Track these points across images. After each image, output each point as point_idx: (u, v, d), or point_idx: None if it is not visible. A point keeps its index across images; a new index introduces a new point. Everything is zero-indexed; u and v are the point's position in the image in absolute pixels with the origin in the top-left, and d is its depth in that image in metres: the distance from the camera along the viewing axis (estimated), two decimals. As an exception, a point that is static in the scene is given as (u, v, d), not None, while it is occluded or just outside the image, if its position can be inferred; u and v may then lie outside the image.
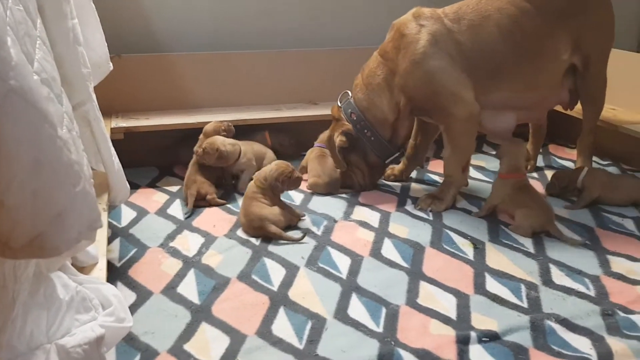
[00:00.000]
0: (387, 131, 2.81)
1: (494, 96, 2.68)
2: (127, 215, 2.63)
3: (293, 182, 2.54)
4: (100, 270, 1.69)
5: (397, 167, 3.10)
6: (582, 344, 1.78)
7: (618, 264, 2.25)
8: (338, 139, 2.78)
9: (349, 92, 2.85)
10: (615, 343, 1.77)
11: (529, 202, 2.50)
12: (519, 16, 2.65)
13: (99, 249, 1.79)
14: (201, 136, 2.91)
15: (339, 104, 2.86)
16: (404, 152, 3.02)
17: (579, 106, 3.01)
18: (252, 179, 2.58)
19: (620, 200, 2.75)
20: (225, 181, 2.95)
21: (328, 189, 2.86)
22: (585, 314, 1.92)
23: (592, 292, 2.06)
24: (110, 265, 2.14)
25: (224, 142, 2.79)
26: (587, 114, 2.98)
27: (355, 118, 2.78)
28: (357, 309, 1.96)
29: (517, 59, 2.67)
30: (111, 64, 2.53)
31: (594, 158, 3.18)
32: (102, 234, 1.94)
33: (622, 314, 1.92)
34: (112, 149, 2.16)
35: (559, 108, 3.12)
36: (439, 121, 2.72)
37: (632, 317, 1.90)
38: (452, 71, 2.60)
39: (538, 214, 2.47)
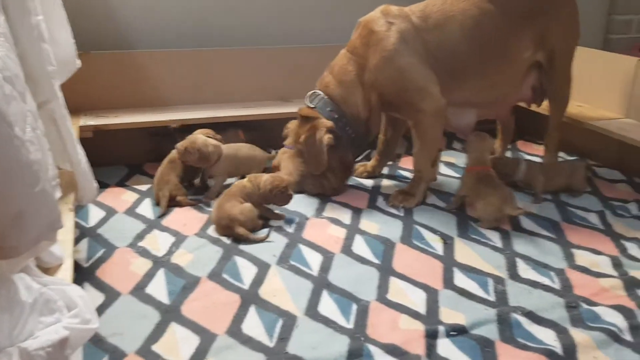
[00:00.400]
0: (362, 128, 2.80)
1: (456, 95, 2.72)
2: (95, 215, 2.60)
3: (284, 198, 2.54)
4: (66, 271, 1.67)
5: (369, 164, 3.13)
6: (547, 336, 1.82)
7: (582, 257, 2.30)
8: (326, 137, 2.67)
9: (319, 92, 2.78)
10: (578, 335, 1.81)
11: (489, 193, 2.55)
12: (481, 17, 2.68)
13: (65, 249, 1.77)
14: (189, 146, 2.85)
15: (310, 104, 2.77)
16: (372, 148, 3.04)
17: (546, 103, 3.06)
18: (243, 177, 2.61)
19: (559, 186, 2.86)
20: (200, 182, 2.93)
21: (299, 188, 2.86)
22: (550, 307, 1.96)
23: (557, 285, 2.11)
24: (77, 266, 2.11)
25: (205, 143, 2.74)
26: (553, 111, 3.04)
27: (337, 116, 2.74)
28: (327, 305, 1.97)
29: (480, 59, 2.71)
30: (79, 61, 2.49)
31: (561, 154, 3.24)
32: (69, 234, 1.92)
33: (585, 306, 1.96)
34: (79, 147, 2.13)
35: (527, 105, 3.17)
36: (408, 116, 2.75)
37: (595, 309, 1.95)
38: (421, 68, 2.64)
39: (496, 204, 2.51)
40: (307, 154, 2.75)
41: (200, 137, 2.77)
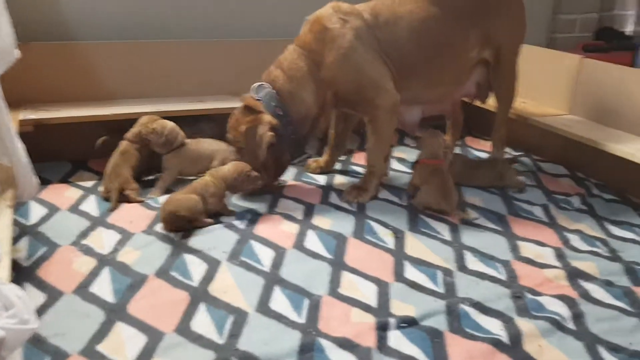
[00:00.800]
0: (306, 126, 2.76)
1: (404, 93, 2.74)
2: (36, 212, 2.51)
3: (252, 181, 2.55)
4: (3, 270, 1.60)
5: (321, 159, 3.12)
6: (494, 325, 1.86)
7: (527, 249, 2.35)
8: (268, 134, 2.60)
9: (266, 84, 2.69)
10: (524, 324, 1.85)
11: (435, 184, 2.64)
12: (428, 19, 2.72)
13: (2, 247, 1.70)
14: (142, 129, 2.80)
15: (256, 96, 2.68)
16: (313, 152, 3.01)
17: (493, 99, 3.12)
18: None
19: (489, 182, 2.94)
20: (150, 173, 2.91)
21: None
22: (496, 297, 2.01)
23: (503, 276, 2.15)
24: (17, 265, 2.03)
25: (175, 128, 2.75)
26: (500, 107, 3.11)
27: (281, 113, 2.65)
28: (279, 301, 1.96)
29: (426, 59, 2.76)
30: (18, 52, 2.39)
31: (508, 149, 3.31)
32: (6, 231, 1.84)
33: (530, 296, 2.02)
34: (19, 141, 2.05)
35: (470, 101, 3.23)
36: (364, 112, 2.76)
37: (539, 298, 2.00)
38: (377, 64, 2.66)
39: (434, 195, 2.63)
40: (246, 146, 2.67)
41: (169, 122, 2.77)
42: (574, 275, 2.15)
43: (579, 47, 4.32)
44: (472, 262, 2.24)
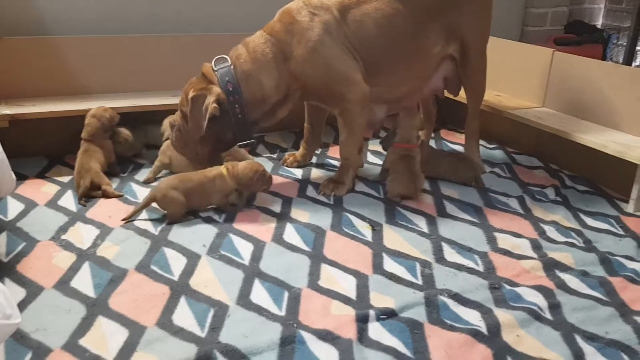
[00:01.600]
0: (258, 111, 2.72)
1: (371, 91, 2.76)
2: (13, 208, 2.48)
3: (266, 182, 2.56)
4: (-16, 266, 1.59)
5: (297, 153, 3.13)
6: (473, 316, 1.89)
7: (504, 241, 2.40)
8: (212, 105, 2.57)
9: (228, 59, 2.70)
10: (502, 314, 1.89)
11: (401, 170, 2.72)
12: (392, 16, 2.73)
13: (-18, 243, 1.68)
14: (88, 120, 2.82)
15: (214, 67, 2.67)
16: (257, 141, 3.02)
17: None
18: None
19: (442, 174, 2.99)
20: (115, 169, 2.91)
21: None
22: (474, 288, 2.04)
23: (480, 268, 2.19)
24: (-5, 261, 2.02)
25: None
26: (470, 100, 3.15)
27: (231, 89, 2.63)
28: (259, 294, 1.97)
29: (392, 56, 2.77)
30: (-9, 47, 2.36)
31: (482, 142, 3.35)
32: (-15, 227, 1.82)
33: (508, 287, 2.06)
34: (-6, 137, 2.02)
35: (440, 95, 3.26)
36: (333, 106, 2.77)
37: (517, 289, 2.04)
38: (345, 58, 2.67)
39: (402, 182, 2.70)
40: (190, 113, 2.63)
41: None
42: (551, 266, 2.20)
43: (550, 41, 4.39)
44: (450, 254, 2.28)
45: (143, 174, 2.92)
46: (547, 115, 3.23)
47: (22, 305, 1.82)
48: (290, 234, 2.37)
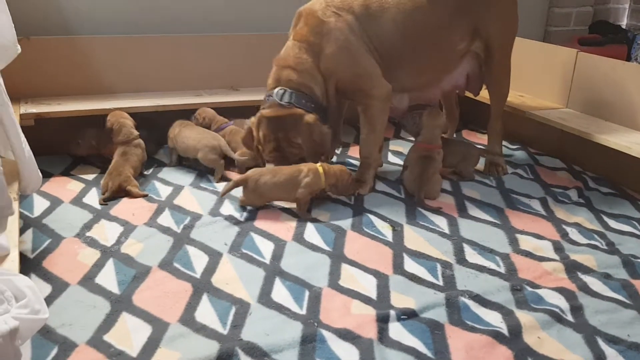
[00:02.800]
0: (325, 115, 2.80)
1: (392, 84, 2.76)
2: (39, 205, 2.52)
3: (352, 187, 2.66)
4: (12, 262, 1.62)
5: None
6: (494, 318, 1.88)
7: (526, 242, 2.38)
8: (325, 128, 2.66)
9: (283, 89, 2.66)
10: (523, 316, 1.88)
11: (415, 172, 2.75)
12: (415, 11, 2.74)
13: (10, 239, 1.71)
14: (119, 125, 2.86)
15: (283, 102, 2.63)
16: None
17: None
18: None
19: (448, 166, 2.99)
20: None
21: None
22: (496, 290, 2.03)
23: (502, 269, 2.18)
24: (22, 257, 2.05)
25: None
26: (493, 100, 3.13)
27: (313, 105, 2.67)
28: (280, 292, 1.98)
29: (413, 51, 2.78)
30: (19, 47, 2.40)
31: (505, 142, 3.33)
32: (14, 224, 1.86)
33: (529, 289, 2.04)
34: (22, 135, 2.06)
35: (461, 93, 3.26)
36: (359, 102, 2.78)
37: (539, 291, 2.03)
38: (370, 56, 2.70)
39: (411, 181, 2.75)
40: (307, 149, 2.66)
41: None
42: (573, 268, 2.18)
43: (574, 41, 4.35)
44: (471, 255, 2.27)
45: (166, 172, 2.96)
46: (571, 117, 3.20)
47: (48, 301, 1.86)
48: (311, 234, 2.38)
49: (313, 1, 2.76)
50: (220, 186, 2.72)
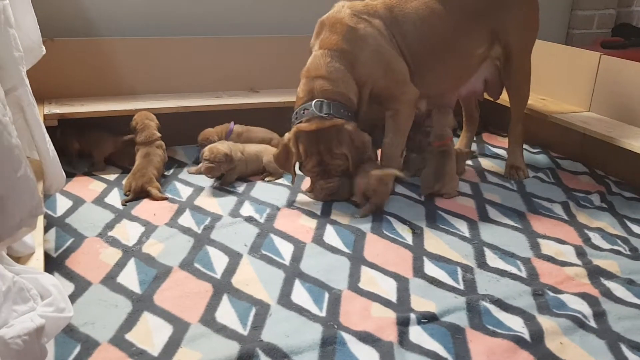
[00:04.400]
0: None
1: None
2: (62, 204, 2.55)
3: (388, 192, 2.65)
4: (37, 260, 1.65)
5: None
6: (515, 322, 1.87)
7: (548, 247, 2.36)
8: (366, 134, 2.64)
9: (320, 100, 2.59)
10: (545, 321, 1.86)
11: (433, 167, 2.78)
12: (433, 17, 2.73)
13: (35, 238, 1.74)
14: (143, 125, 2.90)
15: (322, 113, 2.56)
16: None
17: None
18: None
19: None
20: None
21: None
22: (517, 294, 2.01)
23: (523, 274, 2.16)
24: (46, 255, 2.07)
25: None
26: (514, 104, 3.11)
27: (350, 114, 2.62)
28: (300, 294, 1.98)
29: (433, 57, 2.77)
30: (44, 48, 2.44)
31: (526, 146, 3.30)
32: (38, 223, 1.88)
33: (551, 294, 2.02)
34: (47, 135, 2.09)
35: (479, 98, 3.24)
36: (388, 107, 2.74)
37: (561, 296, 2.01)
38: (400, 60, 2.70)
39: (427, 180, 2.78)
40: (353, 159, 2.62)
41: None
42: (595, 274, 2.16)
43: (597, 43, 4.29)
44: (492, 259, 2.25)
45: (187, 173, 2.98)
46: (593, 120, 3.16)
47: (71, 299, 1.85)
48: (331, 236, 2.38)
49: (334, 10, 2.72)
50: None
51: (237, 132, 3.14)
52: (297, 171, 2.75)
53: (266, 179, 2.93)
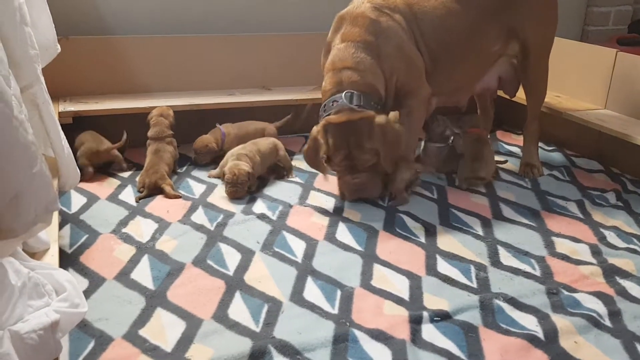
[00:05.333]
0: None
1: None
2: (77, 201, 2.57)
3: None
4: (52, 256, 1.66)
5: None
6: (529, 321, 1.85)
7: (562, 245, 2.34)
8: (397, 125, 2.57)
9: (350, 91, 2.52)
10: (559, 320, 1.85)
11: (471, 155, 2.88)
12: (449, 14, 2.70)
13: (50, 234, 1.75)
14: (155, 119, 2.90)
15: (353, 105, 2.50)
16: None
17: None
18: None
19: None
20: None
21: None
22: (531, 293, 2.00)
23: (537, 272, 2.15)
24: (60, 251, 2.09)
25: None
26: (530, 102, 3.08)
27: (379, 107, 2.56)
28: (312, 291, 1.98)
29: (449, 54, 2.74)
30: (59, 46, 2.45)
31: (540, 144, 3.28)
32: (53, 219, 1.89)
33: (566, 293, 2.01)
34: (62, 133, 2.11)
35: (492, 95, 3.24)
36: (404, 104, 2.71)
37: (575, 295, 1.99)
38: (419, 56, 2.68)
39: (468, 163, 2.85)
40: (384, 150, 2.53)
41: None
42: (611, 272, 2.14)
43: (613, 40, 4.25)
44: (506, 258, 2.24)
45: (199, 170, 2.99)
46: (609, 118, 3.13)
47: (86, 295, 1.87)
48: (343, 233, 2.38)
49: (353, 5, 2.68)
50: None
51: (229, 134, 3.07)
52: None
53: (289, 177, 2.92)
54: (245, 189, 2.68)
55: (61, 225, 2.32)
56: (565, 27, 3.97)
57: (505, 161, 3.21)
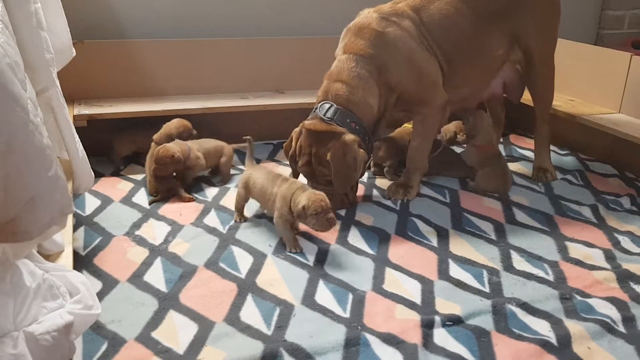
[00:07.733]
0: (375, 132, 2.70)
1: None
2: (91, 203, 2.60)
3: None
4: (67, 258, 1.68)
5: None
6: (542, 326, 1.84)
7: (575, 250, 2.32)
8: (361, 152, 2.49)
9: (329, 103, 2.53)
10: (573, 325, 1.84)
11: (494, 169, 2.84)
12: (455, 17, 2.70)
13: (65, 236, 1.77)
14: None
15: (325, 116, 2.50)
16: None
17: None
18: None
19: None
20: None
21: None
22: (544, 298, 1.99)
23: (551, 277, 2.13)
24: (74, 254, 2.10)
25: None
26: (538, 106, 3.07)
27: (357, 127, 2.52)
28: (324, 295, 1.98)
29: (461, 57, 2.73)
30: (74, 50, 2.48)
31: (554, 148, 3.26)
32: (68, 222, 1.91)
33: (579, 298, 1.99)
34: (76, 136, 2.12)
35: (498, 101, 3.21)
36: (418, 111, 2.72)
37: (589, 300, 1.98)
38: (432, 62, 2.66)
39: (495, 179, 2.83)
40: (336, 172, 2.49)
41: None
42: (625, 278, 2.12)
43: (628, 44, 4.22)
44: (519, 262, 2.23)
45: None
46: (624, 122, 3.11)
47: (99, 297, 1.88)
48: (355, 237, 2.38)
49: (360, 17, 2.67)
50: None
51: (192, 149, 2.85)
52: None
53: (221, 184, 2.86)
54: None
55: (75, 228, 2.34)
56: (580, 31, 3.96)
57: None
